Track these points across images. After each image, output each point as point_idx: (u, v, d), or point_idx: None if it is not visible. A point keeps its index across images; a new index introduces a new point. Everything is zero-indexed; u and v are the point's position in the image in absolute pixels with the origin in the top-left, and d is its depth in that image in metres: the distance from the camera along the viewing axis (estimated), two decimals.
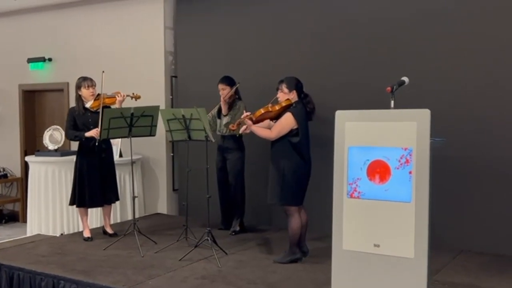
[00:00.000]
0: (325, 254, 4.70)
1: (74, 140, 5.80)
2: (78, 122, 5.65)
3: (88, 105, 5.63)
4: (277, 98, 4.90)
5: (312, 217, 5.06)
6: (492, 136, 5.11)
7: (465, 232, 5.24)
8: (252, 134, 4.95)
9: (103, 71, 5.52)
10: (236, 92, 5.87)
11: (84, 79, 5.68)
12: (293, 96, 4.84)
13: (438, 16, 5.34)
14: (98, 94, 5.65)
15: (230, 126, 5.00)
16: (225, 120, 5.82)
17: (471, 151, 5.19)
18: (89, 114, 5.63)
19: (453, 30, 5.27)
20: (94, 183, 5.65)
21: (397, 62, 5.45)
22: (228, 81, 5.87)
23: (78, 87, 5.68)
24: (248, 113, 4.86)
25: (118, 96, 5.61)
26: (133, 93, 5.76)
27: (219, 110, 5.92)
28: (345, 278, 3.60)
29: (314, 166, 4.84)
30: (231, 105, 5.85)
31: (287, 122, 4.69)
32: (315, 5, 6.04)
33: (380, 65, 5.57)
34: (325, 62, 5.95)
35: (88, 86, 5.63)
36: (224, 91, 5.81)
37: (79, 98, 5.68)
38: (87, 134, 5.53)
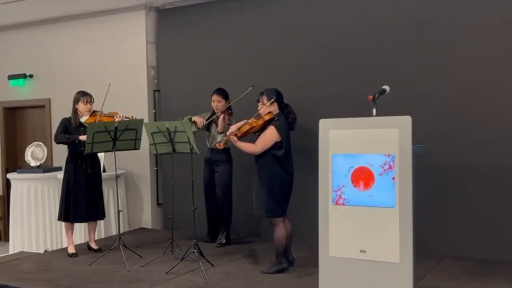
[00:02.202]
0: (312, 263, 4.74)
1: (66, 142, 5.64)
2: (69, 134, 5.63)
3: (83, 119, 5.63)
4: (259, 113, 4.94)
5: (297, 226, 5.09)
6: (474, 143, 5.21)
7: (449, 238, 5.31)
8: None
9: (109, 84, 5.60)
10: (229, 108, 5.86)
11: (84, 94, 5.69)
12: (274, 108, 4.89)
13: (419, 25, 5.45)
14: (94, 111, 5.65)
15: (218, 145, 5.04)
16: (219, 137, 5.79)
17: (454, 158, 5.28)
18: (81, 128, 5.63)
19: (434, 39, 5.38)
20: (79, 198, 5.62)
21: (378, 71, 5.54)
22: (224, 94, 5.86)
23: (76, 100, 5.68)
24: (233, 130, 4.89)
25: (116, 117, 5.62)
26: (132, 116, 5.73)
27: (209, 122, 5.89)
28: (333, 285, 3.63)
29: (298, 175, 4.88)
30: (229, 122, 5.80)
31: (271, 135, 4.73)
32: (296, 17, 6.13)
33: (362, 74, 5.65)
34: (308, 73, 6.02)
35: (86, 102, 5.64)
36: (220, 104, 5.82)
37: (75, 112, 5.68)
38: (82, 137, 5.48)
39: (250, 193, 5.01)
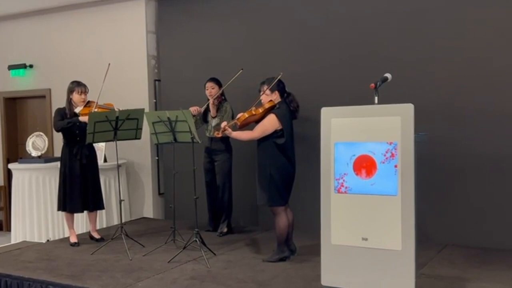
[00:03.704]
0: (313, 251, 4.78)
1: (67, 126, 5.55)
2: None
3: (77, 110, 5.61)
4: (260, 101, 4.94)
5: (298, 215, 5.11)
6: (475, 132, 5.21)
7: (450, 226, 5.33)
8: None
9: (109, 63, 5.57)
10: (222, 93, 5.91)
11: (78, 84, 5.66)
12: (276, 97, 4.88)
13: (421, 13, 5.43)
14: (89, 101, 5.64)
15: (215, 134, 5.04)
16: (214, 122, 5.84)
17: (456, 146, 5.28)
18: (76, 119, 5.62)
19: (436, 27, 5.37)
20: (75, 188, 5.62)
21: (379, 59, 5.52)
22: (217, 81, 5.92)
23: (71, 91, 5.66)
24: (225, 122, 4.89)
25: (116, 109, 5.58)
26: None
27: (205, 113, 5.93)
28: (335, 272, 3.65)
29: (299, 164, 4.89)
30: (217, 106, 5.88)
31: (270, 123, 4.72)
32: (298, 6, 6.10)
33: (363, 63, 5.64)
34: (308, 62, 6.01)
35: (80, 92, 5.62)
36: (213, 90, 5.85)
37: (69, 102, 5.67)
38: (82, 118, 5.46)
39: (250, 182, 5.02)
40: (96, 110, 5.48)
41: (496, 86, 5.14)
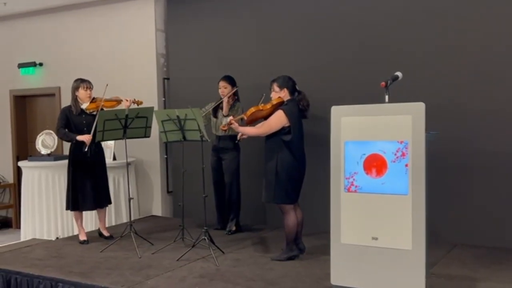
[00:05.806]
0: (322, 250, 4.77)
1: (65, 140, 5.81)
2: (71, 122, 5.64)
3: (84, 106, 5.62)
4: (270, 98, 4.93)
5: (307, 214, 5.09)
6: (487, 132, 5.17)
7: (460, 226, 5.30)
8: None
9: (107, 84, 5.57)
10: (235, 93, 5.89)
11: (82, 80, 5.69)
12: (284, 94, 4.85)
13: (431, 11, 5.39)
14: (94, 98, 5.66)
15: (221, 127, 5.05)
16: (224, 121, 5.81)
17: (466, 146, 5.24)
18: (83, 116, 5.64)
19: (447, 25, 5.33)
20: (85, 186, 5.63)
21: (390, 57, 5.49)
22: (230, 80, 5.90)
23: (76, 88, 5.68)
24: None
25: (127, 101, 5.63)
26: (134, 99, 5.75)
27: (216, 109, 5.92)
28: (344, 272, 3.64)
29: (309, 163, 4.87)
30: (231, 106, 5.87)
31: (277, 119, 4.70)
32: (306, 3, 6.08)
33: (373, 61, 5.61)
34: (318, 60, 5.98)
35: (86, 88, 5.64)
36: (226, 90, 5.84)
37: (75, 100, 5.68)
38: (79, 137, 5.51)
39: (258, 181, 5.00)
40: (104, 104, 5.50)
41: (508, 85, 5.10)
